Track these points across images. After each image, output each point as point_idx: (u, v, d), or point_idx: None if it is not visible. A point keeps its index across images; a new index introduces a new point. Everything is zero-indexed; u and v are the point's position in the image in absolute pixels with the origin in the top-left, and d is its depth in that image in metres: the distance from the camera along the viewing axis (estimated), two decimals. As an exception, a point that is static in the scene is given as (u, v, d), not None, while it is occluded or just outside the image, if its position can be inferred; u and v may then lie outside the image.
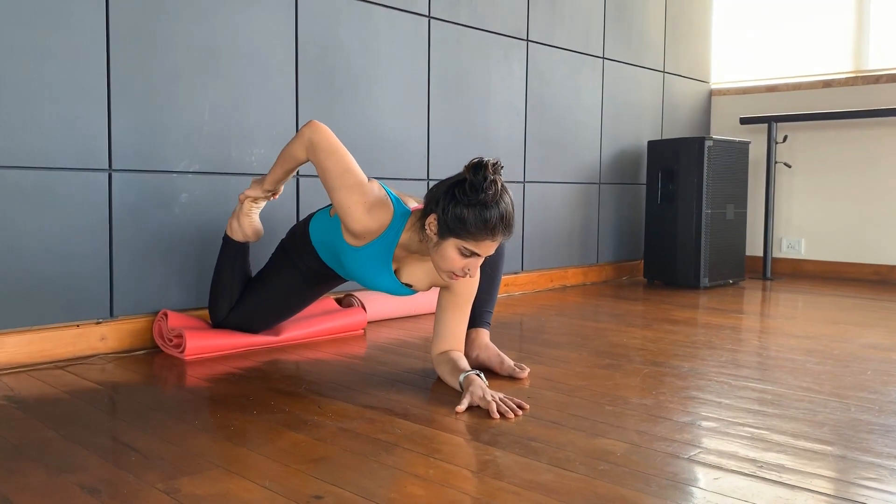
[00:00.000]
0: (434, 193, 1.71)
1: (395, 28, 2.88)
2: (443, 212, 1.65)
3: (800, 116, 4.13)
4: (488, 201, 1.63)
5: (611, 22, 3.91)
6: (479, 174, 1.63)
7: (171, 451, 1.37)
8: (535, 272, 3.60)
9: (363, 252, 1.86)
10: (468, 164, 1.66)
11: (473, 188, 1.63)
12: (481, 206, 1.63)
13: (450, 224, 1.65)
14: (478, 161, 1.65)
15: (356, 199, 1.77)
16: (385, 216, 1.79)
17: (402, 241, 1.82)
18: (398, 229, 1.81)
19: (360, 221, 1.78)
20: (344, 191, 1.78)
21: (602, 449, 1.40)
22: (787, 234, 4.40)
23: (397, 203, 1.83)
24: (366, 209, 1.78)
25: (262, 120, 2.48)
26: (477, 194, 1.63)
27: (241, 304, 2.20)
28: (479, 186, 1.62)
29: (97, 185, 2.11)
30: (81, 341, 2.10)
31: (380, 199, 1.80)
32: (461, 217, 1.63)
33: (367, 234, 1.81)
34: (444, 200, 1.66)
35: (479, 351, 2.00)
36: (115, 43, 2.12)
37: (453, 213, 1.64)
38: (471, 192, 1.63)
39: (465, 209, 1.63)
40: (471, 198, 1.63)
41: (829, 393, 1.82)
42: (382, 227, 1.80)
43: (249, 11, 2.42)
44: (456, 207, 1.63)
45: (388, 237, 1.81)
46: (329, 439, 1.44)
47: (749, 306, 3.22)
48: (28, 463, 1.31)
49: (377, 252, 1.84)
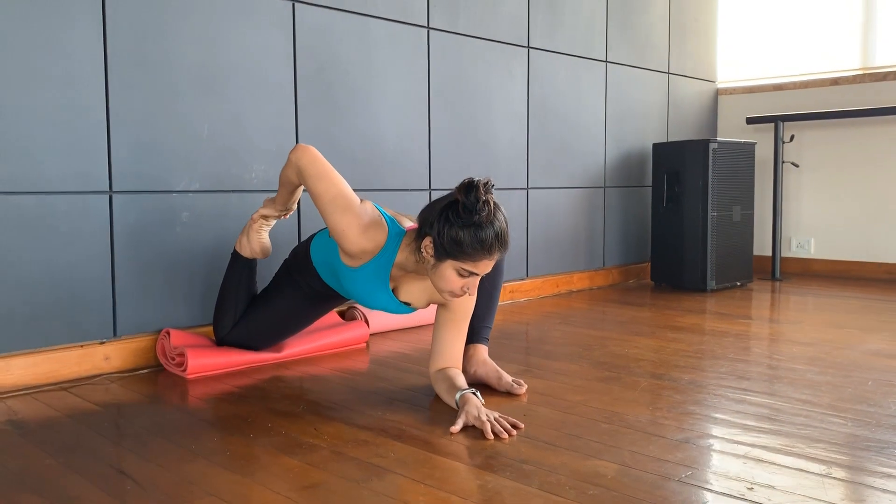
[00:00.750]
0: (427, 215, 1.72)
1: (394, 40, 2.89)
2: (438, 235, 1.67)
3: (807, 115, 4.10)
4: (482, 222, 1.64)
5: (613, 25, 3.90)
6: (470, 195, 1.64)
7: (167, 478, 1.39)
8: (540, 278, 3.60)
9: (360, 272, 1.88)
10: (459, 185, 1.67)
11: (467, 210, 1.64)
12: (476, 227, 1.64)
13: (446, 246, 1.66)
14: (469, 182, 1.66)
15: (349, 220, 1.79)
16: (380, 236, 1.81)
17: (398, 261, 1.83)
18: (394, 249, 1.82)
19: (355, 243, 1.80)
20: (337, 214, 1.79)
21: (593, 471, 1.41)
22: (797, 234, 4.37)
23: (391, 223, 1.84)
24: (360, 230, 1.79)
25: (261, 136, 2.49)
26: (471, 216, 1.64)
27: (244, 322, 2.22)
28: (473, 208, 1.63)
29: (98, 207, 2.14)
30: (86, 362, 2.13)
31: (374, 220, 1.81)
32: (457, 239, 1.64)
33: (362, 254, 1.82)
34: (439, 223, 1.67)
35: (478, 367, 2.01)
36: (112, 65, 2.14)
37: (448, 235, 1.65)
38: (464, 213, 1.64)
39: (461, 231, 1.64)
40: (465, 220, 1.64)
41: (828, 406, 1.81)
42: (378, 247, 1.81)
43: (246, 29, 2.43)
44: (451, 230, 1.65)
45: (383, 257, 1.83)
46: (322, 464, 1.45)
47: (755, 311, 3.20)
48: (27, 494, 1.33)
49: (374, 272, 1.86)
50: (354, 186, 2.74)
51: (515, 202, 3.45)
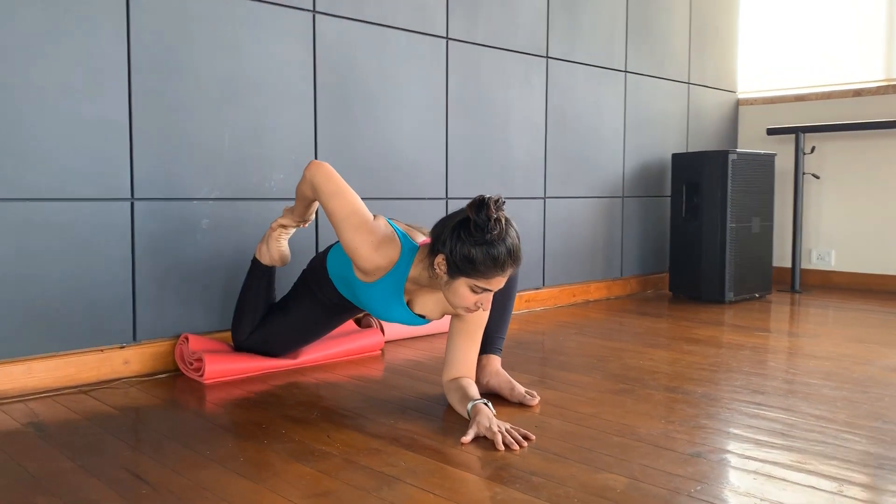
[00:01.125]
0: (439, 232, 1.73)
1: (413, 51, 2.91)
2: (450, 252, 1.68)
3: (829, 127, 4.07)
4: (494, 239, 1.65)
5: (633, 35, 3.90)
6: (481, 213, 1.65)
7: (181, 483, 1.41)
8: (557, 287, 3.60)
9: (375, 288, 1.90)
10: (470, 202, 1.68)
11: (478, 228, 1.65)
12: (488, 244, 1.65)
13: (459, 264, 1.68)
14: (480, 200, 1.67)
15: (363, 238, 1.81)
16: (393, 253, 1.83)
17: (412, 276, 1.85)
18: (407, 265, 1.84)
19: (369, 260, 1.82)
20: (350, 231, 1.82)
21: (603, 485, 1.41)
22: (817, 246, 4.33)
23: (404, 239, 1.86)
24: (373, 248, 1.81)
25: (281, 146, 2.53)
26: (482, 234, 1.65)
27: (262, 329, 2.25)
28: (484, 226, 1.65)
29: (120, 214, 2.18)
30: (105, 366, 2.17)
31: (387, 237, 1.83)
32: (469, 257, 1.66)
33: (376, 271, 1.85)
34: (451, 241, 1.68)
35: (490, 377, 2.02)
36: (136, 74, 2.18)
37: (461, 253, 1.66)
38: (476, 232, 1.65)
39: (473, 248, 1.65)
40: (476, 238, 1.65)
41: (843, 422, 1.80)
42: (391, 263, 1.83)
43: (268, 40, 2.47)
44: (463, 248, 1.66)
45: (397, 273, 1.85)
46: (334, 472, 1.47)
47: (773, 323, 3.18)
48: (44, 496, 1.36)
49: (388, 287, 1.88)
50: (371, 195, 2.78)
51: (532, 211, 3.46)
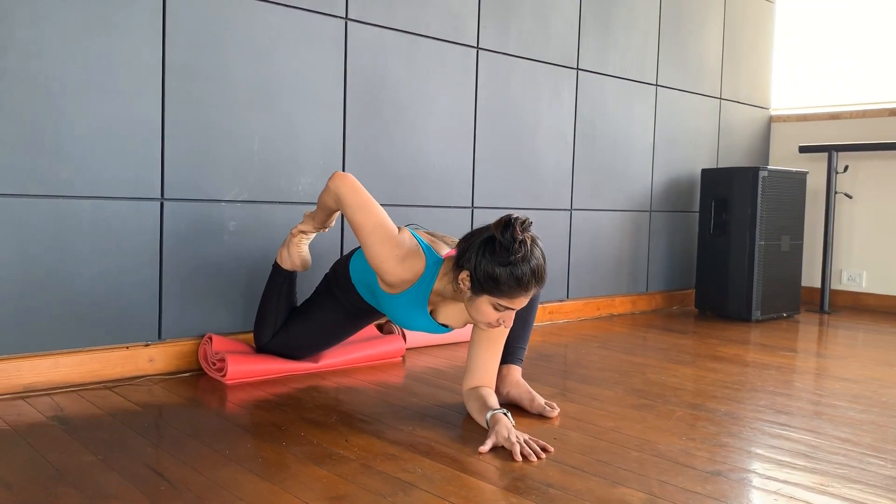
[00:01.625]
0: (465, 249, 1.73)
1: (443, 59, 2.93)
2: (475, 270, 1.68)
3: (863, 146, 4.01)
4: (519, 260, 1.65)
5: (666, 49, 3.88)
6: (507, 233, 1.65)
7: (200, 481, 1.43)
8: (582, 300, 3.58)
9: (399, 299, 1.91)
10: (497, 221, 1.68)
11: (503, 248, 1.65)
12: (512, 265, 1.65)
13: (482, 282, 1.68)
14: (506, 220, 1.67)
15: (387, 253, 1.82)
16: (418, 266, 1.83)
17: (436, 288, 1.85)
18: (431, 278, 1.84)
19: (394, 274, 1.83)
20: (376, 246, 1.83)
21: (620, 499, 1.40)
22: (848, 266, 4.26)
23: (429, 252, 1.86)
24: (398, 261, 1.82)
25: (310, 150, 2.55)
26: (507, 255, 1.64)
27: (284, 332, 2.26)
28: (509, 247, 1.64)
29: (149, 213, 2.21)
30: (130, 363, 2.20)
31: (411, 250, 1.84)
32: (493, 276, 1.66)
33: (401, 284, 1.86)
34: (476, 259, 1.68)
35: (511, 388, 2.01)
36: (169, 77, 2.22)
37: (485, 271, 1.66)
38: (501, 252, 1.65)
39: (497, 268, 1.65)
40: (501, 258, 1.65)
41: (868, 446, 1.77)
42: (416, 276, 1.84)
43: (300, 46, 2.50)
44: (487, 266, 1.66)
45: (422, 285, 1.85)
46: (351, 476, 1.47)
47: (800, 343, 3.14)
48: (66, 488, 1.38)
49: (412, 299, 1.89)
50: (397, 202, 2.79)
51: (559, 223, 3.45)
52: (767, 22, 4.55)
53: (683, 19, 3.97)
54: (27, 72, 1.98)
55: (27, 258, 2.01)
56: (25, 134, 1.99)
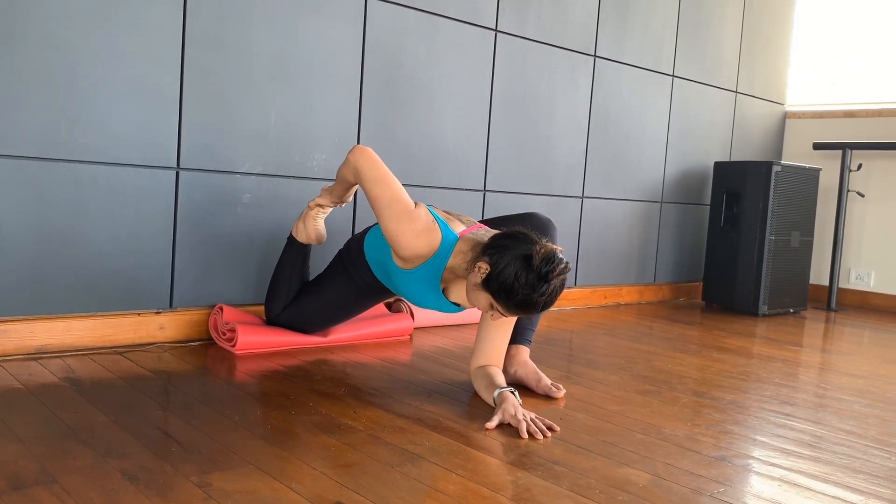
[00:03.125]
0: (499, 246, 1.71)
1: (462, 41, 2.92)
2: (496, 271, 1.67)
3: (877, 145, 3.99)
4: (537, 294, 1.65)
5: (683, 39, 3.86)
6: (545, 268, 1.63)
7: (210, 444, 1.44)
8: (589, 288, 3.59)
9: (413, 275, 1.92)
10: (542, 249, 1.65)
11: (533, 276, 1.64)
12: (529, 293, 1.65)
13: (494, 286, 1.68)
14: (551, 255, 1.65)
15: (404, 226, 1.83)
16: (434, 241, 1.84)
17: (450, 265, 1.86)
18: (446, 255, 1.85)
19: (409, 248, 1.83)
20: (393, 219, 1.83)
21: (625, 479, 1.41)
22: (857, 265, 4.26)
23: (444, 228, 1.87)
24: (414, 236, 1.83)
25: (326, 126, 2.55)
26: (531, 285, 1.64)
27: (295, 306, 2.28)
28: (538, 281, 1.64)
29: (165, 182, 2.23)
30: (141, 329, 2.22)
31: (427, 226, 1.85)
32: (508, 289, 1.66)
33: (416, 259, 1.86)
34: (503, 264, 1.67)
35: (518, 367, 2.03)
36: (189, 46, 2.22)
37: (504, 281, 1.66)
38: (528, 277, 1.64)
39: (515, 285, 1.65)
40: (525, 282, 1.64)
41: (872, 439, 1.77)
42: (431, 252, 1.85)
43: (320, 22, 2.50)
44: (508, 279, 1.65)
45: (435, 262, 1.86)
46: (359, 446, 1.49)
47: (806, 339, 3.14)
48: (78, 445, 1.40)
49: (426, 275, 1.89)
50: (411, 182, 2.80)
51: (570, 210, 3.45)
52: (787, 17, 4.52)
53: (702, 11, 3.95)
54: (48, 37, 1.99)
55: (43, 221, 2.03)
56: (45, 98, 2.00)
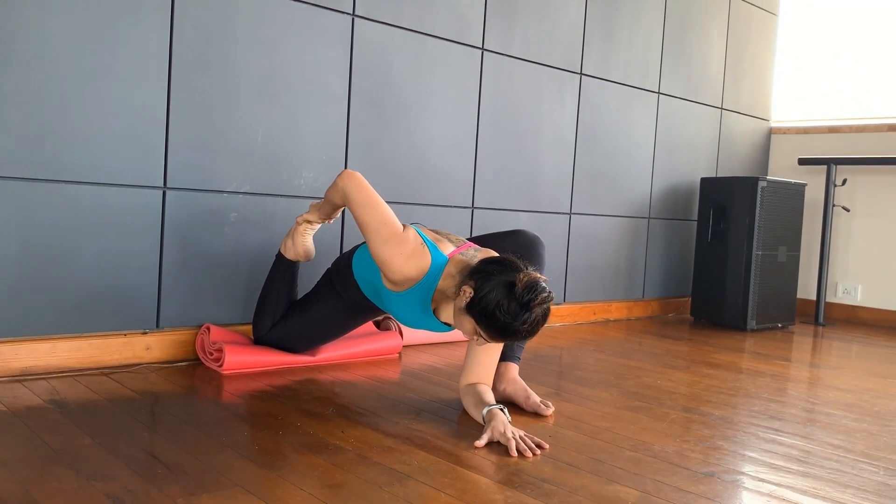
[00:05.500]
0: (486, 272, 1.71)
1: (449, 59, 2.94)
2: (479, 296, 1.67)
3: (861, 160, 4.03)
4: (518, 322, 1.65)
5: (668, 57, 3.90)
6: (526, 296, 1.63)
7: (196, 466, 1.43)
8: (578, 304, 3.59)
9: (403, 297, 1.91)
10: (526, 278, 1.64)
11: (515, 304, 1.63)
12: (510, 321, 1.65)
13: (476, 310, 1.68)
14: (534, 284, 1.64)
15: (393, 250, 1.83)
16: (423, 265, 1.83)
17: (440, 287, 1.85)
18: (435, 277, 1.85)
19: (399, 272, 1.83)
20: (381, 243, 1.83)
21: (614, 496, 1.41)
22: (843, 280, 4.28)
23: (434, 250, 1.86)
24: (403, 260, 1.82)
25: (313, 145, 2.56)
26: (513, 313, 1.64)
27: (283, 325, 2.26)
28: (520, 310, 1.63)
29: (151, 202, 2.22)
30: (127, 350, 2.20)
31: (416, 249, 1.84)
32: (489, 315, 1.66)
33: (406, 282, 1.86)
34: (486, 289, 1.66)
35: (507, 385, 2.02)
36: (176, 66, 2.23)
37: (486, 307, 1.66)
38: (511, 305, 1.64)
39: (497, 312, 1.64)
40: (507, 310, 1.64)
41: (861, 453, 1.78)
42: (421, 275, 1.84)
43: (307, 41, 2.51)
44: (489, 304, 1.65)
45: (426, 285, 1.86)
46: (347, 466, 1.48)
47: (795, 353, 3.15)
48: (62, 468, 1.38)
49: (417, 298, 1.89)
50: (399, 199, 2.80)
51: (557, 227, 3.46)
52: (770, 34, 4.58)
53: (687, 28, 3.99)
54: (35, 57, 1.98)
55: (28, 242, 2.02)
56: (31, 118, 1.99)
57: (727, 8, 4.23)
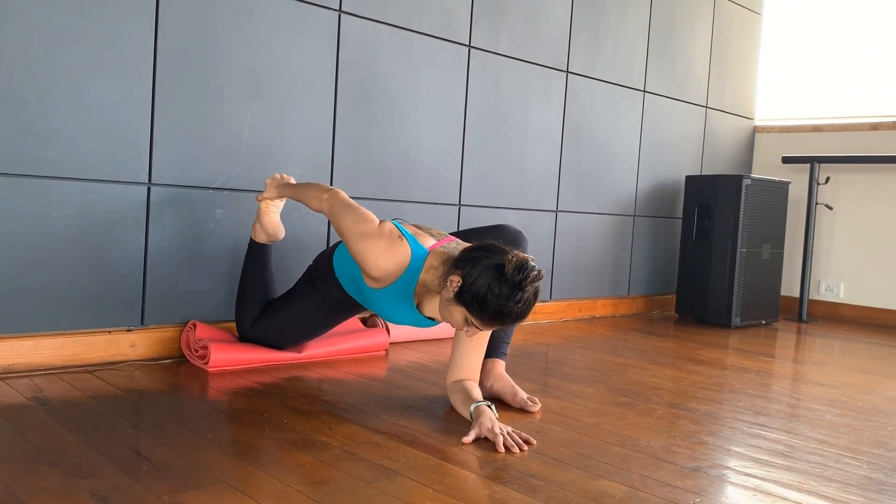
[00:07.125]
0: (470, 258, 1.71)
1: (435, 56, 2.94)
2: (467, 283, 1.67)
3: (844, 158, 4.07)
4: (511, 303, 1.65)
5: (654, 56, 3.91)
6: (517, 276, 1.63)
7: (182, 463, 1.42)
8: (564, 301, 3.60)
9: (385, 293, 1.90)
10: (514, 258, 1.65)
11: (506, 286, 1.63)
12: (503, 304, 1.65)
13: (467, 297, 1.67)
14: (523, 263, 1.64)
15: (368, 245, 1.82)
16: (402, 259, 1.82)
17: (421, 280, 1.84)
18: (416, 270, 1.84)
19: (377, 267, 1.82)
20: (358, 240, 1.83)
21: (601, 491, 1.41)
22: (826, 277, 4.32)
23: (414, 243, 1.85)
24: (380, 254, 1.81)
25: (299, 141, 2.55)
26: (506, 295, 1.64)
27: (266, 320, 2.25)
28: (511, 290, 1.63)
29: (136, 198, 2.20)
30: (112, 347, 2.18)
31: (394, 242, 1.83)
32: (481, 301, 1.65)
33: (386, 277, 1.84)
34: (475, 276, 1.66)
35: (494, 381, 2.02)
36: (161, 62, 2.21)
37: (476, 293, 1.65)
38: (502, 287, 1.63)
39: (489, 297, 1.64)
40: (498, 292, 1.64)
41: (844, 447, 1.79)
42: (401, 269, 1.83)
43: (293, 37, 2.49)
44: (481, 290, 1.65)
45: (407, 278, 1.85)
46: (334, 462, 1.48)
47: (778, 350, 3.17)
48: (46, 466, 1.37)
49: (398, 293, 1.88)
50: (385, 196, 2.79)
51: (544, 224, 3.46)
52: (754, 34, 4.61)
53: (672, 28, 4.01)
54: (17, 50, 1.96)
55: (10, 238, 2.00)
56: (12, 112, 1.97)
57: (712, 7, 4.25)
